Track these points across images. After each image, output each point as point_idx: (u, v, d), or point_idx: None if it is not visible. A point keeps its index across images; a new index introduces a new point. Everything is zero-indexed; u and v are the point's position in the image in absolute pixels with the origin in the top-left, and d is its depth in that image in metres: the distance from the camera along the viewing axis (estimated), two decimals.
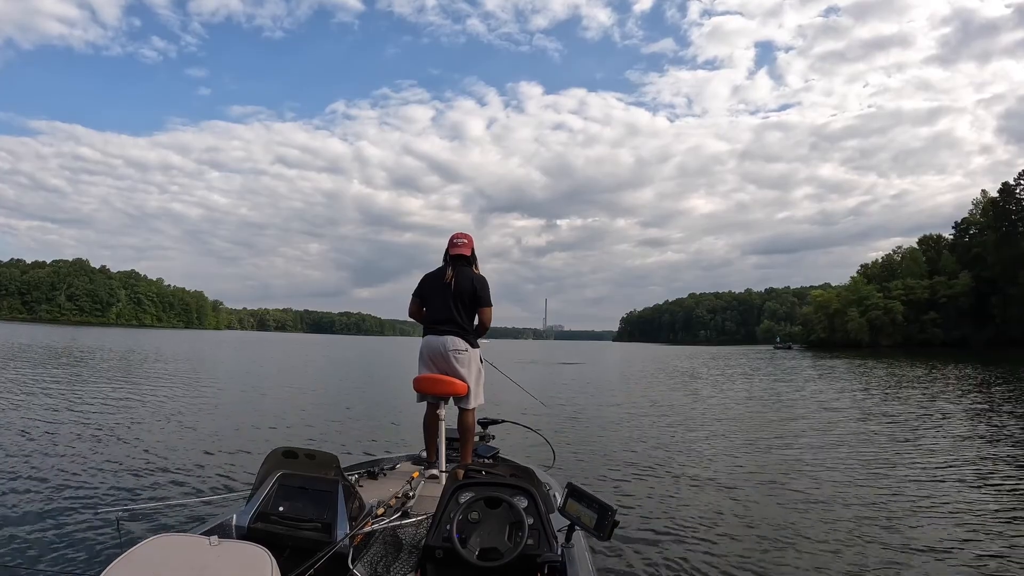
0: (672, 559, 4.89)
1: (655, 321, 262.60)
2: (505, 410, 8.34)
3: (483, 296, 4.73)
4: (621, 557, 4.86)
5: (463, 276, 4.68)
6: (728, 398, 18.68)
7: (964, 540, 5.38)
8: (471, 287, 4.65)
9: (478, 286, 4.68)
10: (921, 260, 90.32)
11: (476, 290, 4.67)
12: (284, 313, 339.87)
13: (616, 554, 4.88)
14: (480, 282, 4.72)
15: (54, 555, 4.43)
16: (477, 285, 4.68)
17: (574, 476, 4.70)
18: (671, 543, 5.25)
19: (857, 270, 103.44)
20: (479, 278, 4.73)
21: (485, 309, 4.75)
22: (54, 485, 6.37)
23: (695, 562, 4.84)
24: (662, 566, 4.75)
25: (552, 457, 5.64)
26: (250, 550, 2.16)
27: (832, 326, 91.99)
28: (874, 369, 33.21)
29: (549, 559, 2.65)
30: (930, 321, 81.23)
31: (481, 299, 4.71)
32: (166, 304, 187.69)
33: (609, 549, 4.81)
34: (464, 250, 4.77)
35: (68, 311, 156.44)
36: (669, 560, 4.86)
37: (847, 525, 5.84)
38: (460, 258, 4.76)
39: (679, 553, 5.02)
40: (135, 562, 2.06)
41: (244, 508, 2.99)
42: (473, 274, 4.73)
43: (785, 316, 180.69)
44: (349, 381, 23.50)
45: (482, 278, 4.76)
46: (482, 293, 4.71)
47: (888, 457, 9.03)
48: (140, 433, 9.56)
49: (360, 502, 3.13)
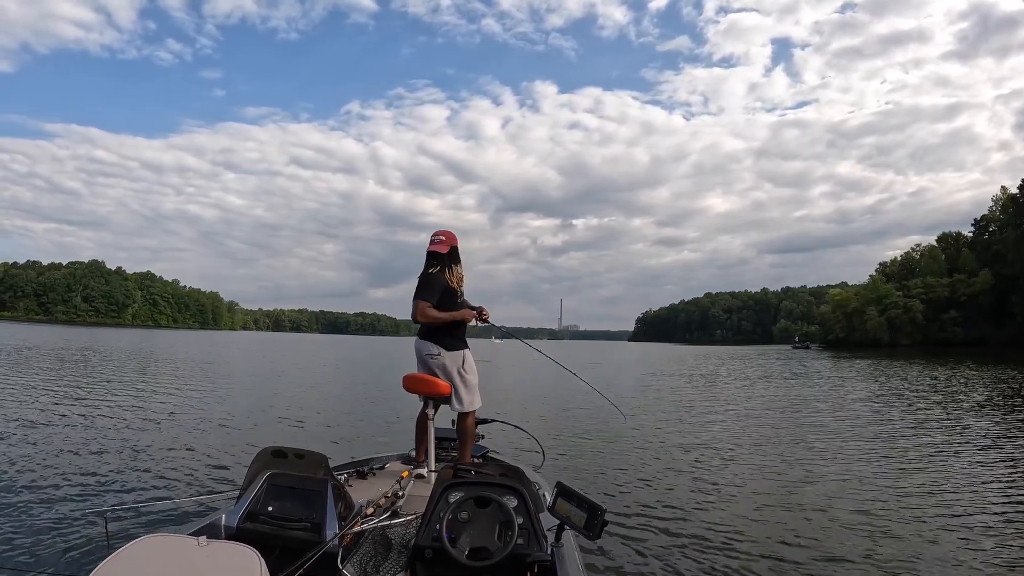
0: (661, 558, 4.89)
1: (671, 321, 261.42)
2: (495, 409, 8.28)
3: (416, 291, 4.58)
4: (611, 556, 4.86)
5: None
6: (728, 397, 18.58)
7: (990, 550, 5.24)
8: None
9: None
10: (940, 258, 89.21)
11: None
12: (299, 314, 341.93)
13: (606, 553, 4.88)
14: (421, 277, 4.59)
15: (42, 555, 4.42)
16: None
17: (564, 476, 4.67)
18: (661, 543, 5.26)
19: (876, 268, 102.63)
20: (423, 274, 4.59)
21: (414, 302, 4.53)
22: (43, 484, 6.38)
23: (685, 561, 4.85)
24: (652, 565, 4.76)
25: (542, 457, 5.61)
26: (239, 550, 2.16)
27: (851, 325, 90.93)
28: (906, 369, 32.04)
29: (539, 558, 2.66)
30: (950, 320, 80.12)
31: (414, 294, 4.58)
32: (181, 305, 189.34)
33: (599, 548, 4.80)
34: (439, 247, 4.61)
35: (84, 312, 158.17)
36: (658, 559, 4.87)
37: (849, 524, 5.80)
38: (432, 256, 4.63)
39: (668, 553, 5.03)
40: (124, 562, 2.06)
41: (233, 508, 2.98)
42: (424, 273, 4.60)
43: (802, 315, 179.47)
44: (349, 381, 23.52)
45: (426, 274, 4.57)
46: (417, 288, 4.58)
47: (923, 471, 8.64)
48: (130, 433, 9.60)
49: (349, 502, 3.12)
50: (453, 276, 4.63)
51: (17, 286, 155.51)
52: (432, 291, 4.49)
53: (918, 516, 6.08)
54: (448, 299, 4.56)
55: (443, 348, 4.51)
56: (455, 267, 4.68)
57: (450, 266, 4.63)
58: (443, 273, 4.57)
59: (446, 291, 4.54)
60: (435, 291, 4.50)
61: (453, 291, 4.61)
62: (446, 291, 4.54)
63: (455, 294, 4.63)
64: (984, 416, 13.47)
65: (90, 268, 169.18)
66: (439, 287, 4.51)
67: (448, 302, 4.56)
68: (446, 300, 4.54)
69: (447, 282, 4.56)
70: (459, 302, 4.69)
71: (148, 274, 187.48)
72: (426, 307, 4.44)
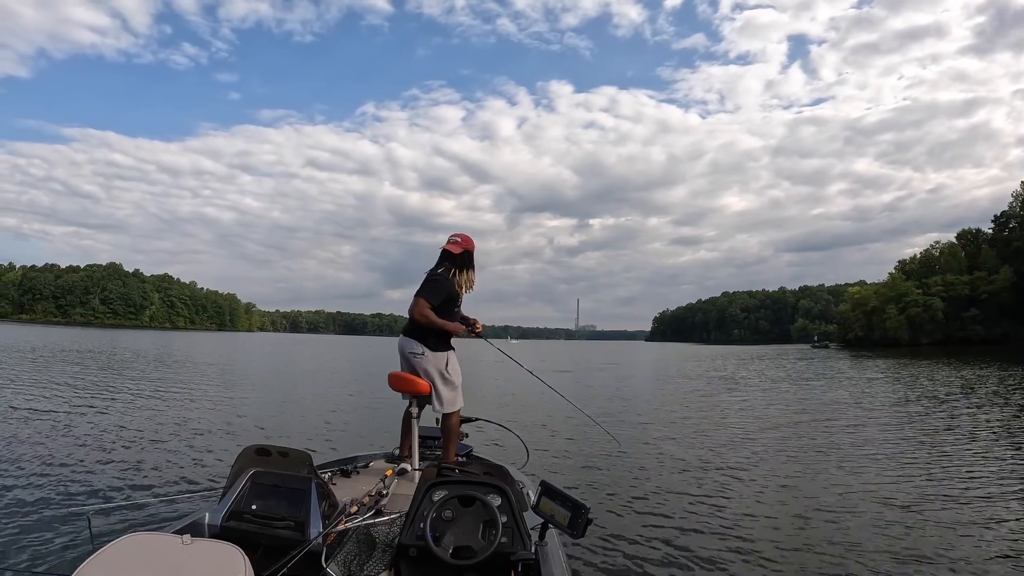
0: (645, 557, 4.91)
1: (688, 320, 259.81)
2: (479, 408, 8.28)
3: (421, 286, 4.54)
4: (595, 555, 4.88)
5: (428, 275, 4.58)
6: (726, 397, 18.45)
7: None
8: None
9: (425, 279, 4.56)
10: (960, 255, 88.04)
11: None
12: (316, 315, 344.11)
13: (590, 552, 4.90)
14: (431, 275, 4.56)
15: (25, 554, 4.43)
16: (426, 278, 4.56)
17: (548, 474, 4.65)
18: (645, 542, 5.27)
19: (895, 266, 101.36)
20: (433, 273, 4.56)
21: (416, 298, 4.48)
22: (25, 483, 6.42)
23: (669, 561, 4.86)
24: (635, 564, 4.77)
25: (526, 455, 5.59)
26: (223, 549, 2.17)
27: (870, 324, 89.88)
28: (933, 369, 31.04)
29: (523, 557, 2.67)
30: (971, 318, 79.02)
31: (419, 290, 4.53)
32: (199, 307, 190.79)
33: (583, 547, 4.81)
34: (453, 247, 4.59)
35: (102, 314, 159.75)
36: (642, 559, 4.88)
37: (839, 523, 5.80)
38: (444, 256, 4.61)
39: (652, 552, 5.04)
40: (107, 561, 2.06)
41: (217, 506, 2.97)
42: (434, 272, 4.57)
43: (820, 314, 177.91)
44: (341, 380, 23.60)
45: (437, 274, 4.54)
46: (423, 284, 4.54)
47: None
48: (115, 431, 9.68)
49: (333, 500, 3.11)
50: (461, 280, 4.61)
51: (35, 289, 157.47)
52: (437, 293, 4.46)
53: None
54: (450, 304, 4.54)
55: (427, 348, 4.47)
56: (467, 272, 4.67)
57: (461, 269, 4.61)
58: (451, 276, 4.55)
59: (450, 296, 4.52)
60: (440, 294, 4.47)
61: (456, 297, 4.58)
62: (450, 296, 4.52)
63: (456, 301, 4.60)
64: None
65: (108, 271, 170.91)
66: (445, 290, 4.49)
67: (449, 308, 4.53)
68: (447, 305, 4.51)
69: (454, 286, 4.54)
70: (456, 311, 4.65)
71: (166, 276, 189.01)
72: (426, 307, 4.40)
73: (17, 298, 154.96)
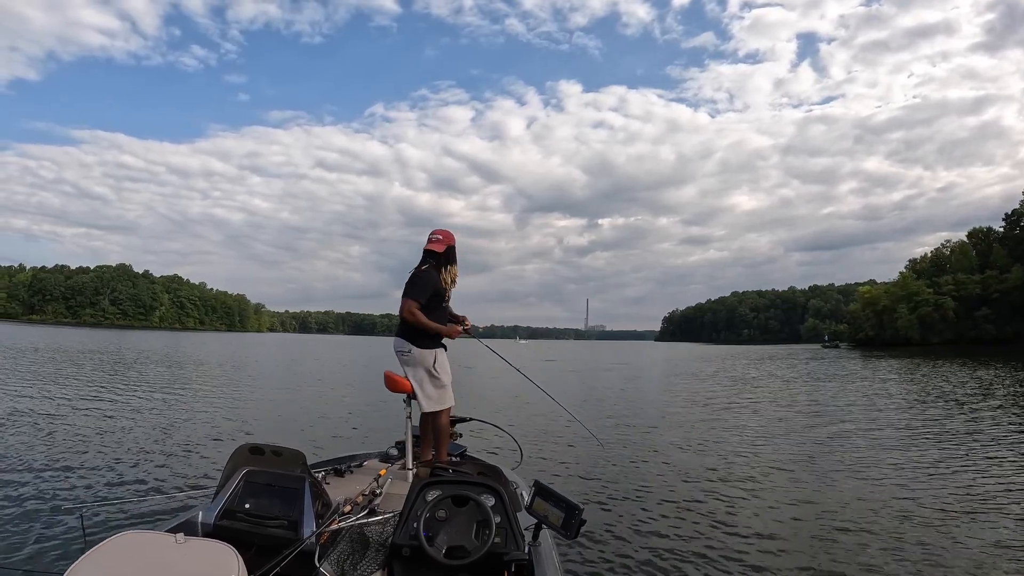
0: (639, 559, 4.90)
1: (697, 320, 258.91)
2: (473, 408, 8.27)
3: (405, 287, 4.51)
4: (588, 556, 4.89)
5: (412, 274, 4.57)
6: (722, 395, 18.38)
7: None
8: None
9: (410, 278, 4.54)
10: (971, 254, 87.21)
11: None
12: (326, 315, 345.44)
13: (583, 553, 4.91)
14: (413, 275, 4.53)
15: (18, 552, 4.45)
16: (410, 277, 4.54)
17: (542, 475, 4.63)
18: (638, 543, 5.28)
19: (905, 265, 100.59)
20: (416, 272, 4.54)
21: (403, 300, 4.47)
22: (19, 481, 6.45)
23: (661, 562, 4.85)
24: (628, 565, 4.77)
25: (520, 456, 5.57)
26: (216, 548, 2.18)
27: (881, 323, 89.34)
28: (946, 369, 30.64)
29: (516, 557, 2.66)
30: (982, 317, 78.32)
31: (404, 291, 4.50)
32: (208, 307, 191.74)
33: (576, 548, 4.83)
34: (436, 246, 4.57)
35: (112, 315, 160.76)
36: (635, 560, 4.88)
37: (840, 525, 5.78)
38: (428, 254, 4.59)
39: (645, 553, 5.04)
40: (100, 560, 2.07)
41: (210, 505, 2.99)
42: (417, 270, 4.55)
43: (830, 314, 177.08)
44: (338, 380, 23.67)
45: (419, 272, 4.52)
46: (407, 284, 4.51)
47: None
48: (109, 430, 9.74)
49: (327, 500, 3.12)
50: (446, 276, 4.60)
51: (46, 290, 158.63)
52: (422, 290, 4.45)
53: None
54: (437, 300, 4.54)
55: (415, 346, 4.48)
56: (450, 267, 4.65)
57: (445, 266, 4.61)
58: (436, 272, 4.54)
59: (436, 292, 4.51)
60: (425, 290, 4.46)
61: (443, 292, 4.58)
62: (436, 292, 4.51)
63: (443, 296, 4.60)
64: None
65: (118, 271, 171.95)
66: (430, 287, 4.48)
67: (436, 303, 4.54)
68: (435, 301, 4.52)
69: (439, 282, 4.53)
70: (444, 306, 4.65)
71: (175, 277, 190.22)
72: (414, 307, 4.41)
73: (27, 299, 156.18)
